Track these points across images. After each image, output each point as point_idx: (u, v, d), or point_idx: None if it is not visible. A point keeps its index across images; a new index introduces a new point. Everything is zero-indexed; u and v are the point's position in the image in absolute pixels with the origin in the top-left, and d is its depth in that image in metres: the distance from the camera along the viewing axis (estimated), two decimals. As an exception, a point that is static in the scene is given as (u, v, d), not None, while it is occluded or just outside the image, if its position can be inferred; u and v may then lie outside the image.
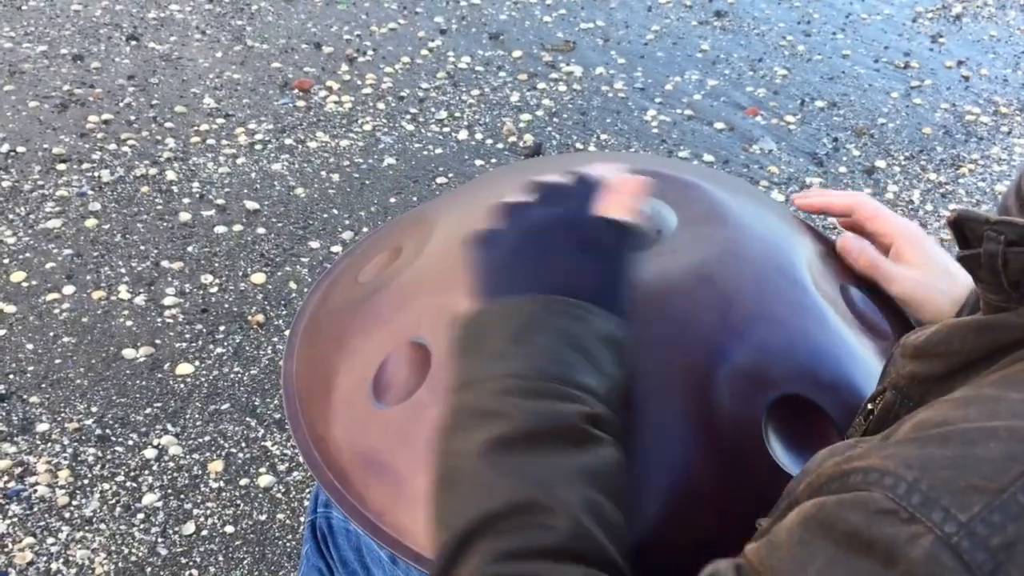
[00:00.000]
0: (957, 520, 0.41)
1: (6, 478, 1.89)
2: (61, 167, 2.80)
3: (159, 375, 2.15)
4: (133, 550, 1.79)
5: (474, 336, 0.68)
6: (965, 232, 0.56)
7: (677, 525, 0.75)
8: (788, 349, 0.84)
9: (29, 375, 2.12)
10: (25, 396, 2.07)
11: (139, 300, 2.35)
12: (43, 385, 2.10)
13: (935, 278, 0.87)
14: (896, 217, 0.93)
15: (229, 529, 1.83)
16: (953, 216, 0.56)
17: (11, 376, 2.11)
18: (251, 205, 2.70)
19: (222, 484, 1.92)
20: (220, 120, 3.10)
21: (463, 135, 3.13)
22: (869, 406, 0.69)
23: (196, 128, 3.05)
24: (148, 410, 2.06)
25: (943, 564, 0.41)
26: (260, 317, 2.32)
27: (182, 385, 2.13)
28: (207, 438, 2.01)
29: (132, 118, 3.07)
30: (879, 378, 0.70)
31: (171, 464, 1.95)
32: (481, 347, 0.67)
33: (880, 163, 3.13)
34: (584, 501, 0.59)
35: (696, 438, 0.78)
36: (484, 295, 0.71)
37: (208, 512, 1.86)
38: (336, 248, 2.57)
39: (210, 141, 2.99)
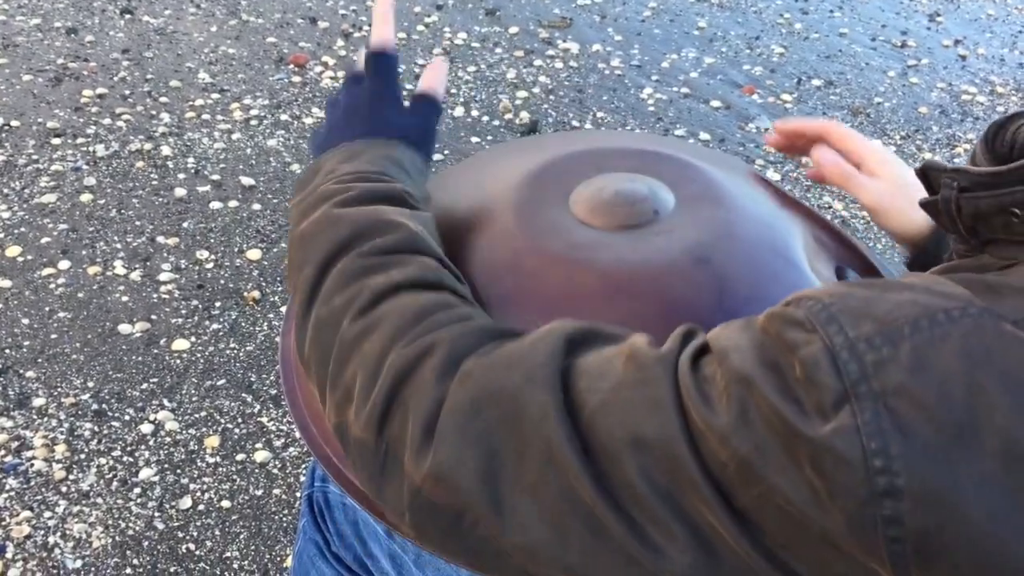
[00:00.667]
0: (845, 335, 0.47)
1: (3, 452, 1.90)
2: (56, 141, 2.79)
3: (155, 350, 2.15)
4: (130, 524, 1.80)
5: (310, 170, 0.80)
6: (930, 180, 0.60)
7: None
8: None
9: (25, 350, 2.13)
10: (21, 371, 2.07)
11: (135, 275, 2.35)
12: (39, 360, 2.11)
13: (900, 189, 0.94)
14: (866, 139, 0.98)
15: (225, 504, 1.85)
16: (920, 166, 0.61)
17: (7, 351, 2.12)
18: (247, 181, 2.70)
19: (218, 459, 1.93)
20: (215, 95, 3.09)
21: (459, 112, 3.13)
22: None
23: (191, 103, 3.04)
24: (144, 385, 2.07)
25: (821, 366, 0.47)
26: (256, 293, 2.32)
27: (178, 361, 2.13)
28: (203, 413, 2.02)
29: (127, 92, 3.06)
30: None
31: (167, 439, 1.96)
32: (316, 173, 0.78)
33: (876, 142, 3.12)
34: (414, 221, 0.71)
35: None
36: (316, 148, 0.84)
37: (205, 487, 1.88)
38: (332, 224, 2.57)
39: (205, 116, 2.98)
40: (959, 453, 0.44)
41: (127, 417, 2.00)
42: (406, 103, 0.86)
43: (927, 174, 0.60)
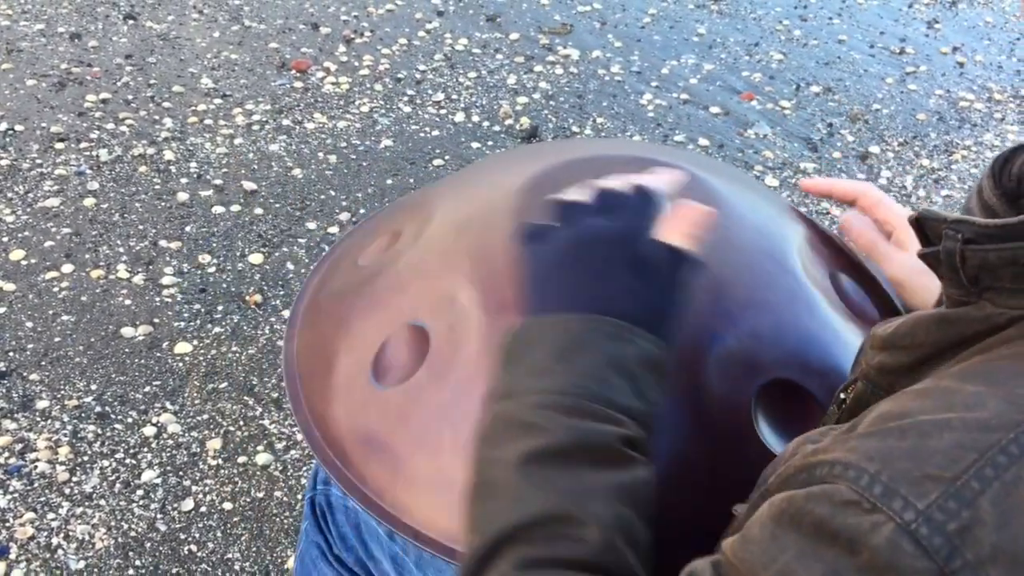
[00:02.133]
0: (915, 508, 0.43)
1: (7, 454, 1.92)
2: (59, 146, 2.81)
3: (158, 354, 2.17)
4: (132, 526, 1.81)
5: (520, 348, 0.68)
6: (926, 230, 0.58)
7: (669, 503, 0.78)
8: (778, 335, 0.86)
9: (29, 353, 2.14)
10: (25, 373, 2.09)
11: (137, 279, 2.36)
12: (43, 363, 2.12)
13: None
14: (899, 207, 0.95)
15: (227, 506, 1.86)
16: (915, 215, 0.58)
17: (11, 354, 2.13)
18: (249, 186, 2.72)
19: (220, 462, 1.94)
20: (218, 100, 3.11)
21: (460, 117, 3.14)
22: (842, 395, 0.70)
23: (194, 108, 3.05)
24: (147, 388, 2.08)
25: (903, 550, 0.43)
26: (258, 297, 2.34)
27: (180, 364, 2.15)
28: (205, 416, 2.03)
29: (130, 97, 3.08)
30: (851, 368, 0.72)
31: (170, 442, 1.97)
32: (525, 360, 0.67)
33: (874, 149, 3.15)
34: (615, 518, 0.59)
35: (687, 420, 0.80)
36: (532, 303, 0.70)
37: (206, 489, 1.89)
38: (333, 229, 2.59)
39: (208, 121, 3.00)
40: None
41: (130, 420, 2.01)
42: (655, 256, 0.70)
43: (922, 224, 0.58)
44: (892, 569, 0.43)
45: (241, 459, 1.95)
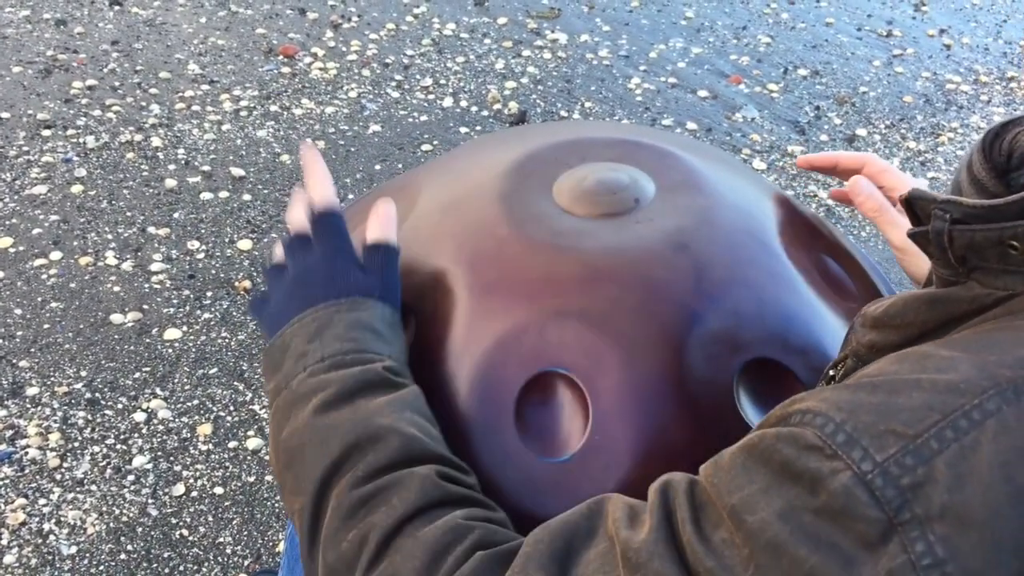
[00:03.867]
0: (873, 459, 0.45)
1: (-3, 441, 1.92)
2: (46, 133, 2.80)
3: (147, 340, 2.17)
4: (124, 511, 1.82)
5: (277, 354, 0.76)
6: (916, 210, 0.58)
7: (650, 479, 0.79)
8: (760, 314, 0.87)
9: (18, 340, 2.14)
10: (15, 360, 2.09)
11: (126, 266, 2.36)
12: (32, 350, 2.13)
13: None
14: (904, 174, 0.96)
15: (218, 490, 1.87)
16: (905, 195, 0.59)
17: (0, 341, 2.13)
18: (237, 172, 2.72)
19: (211, 447, 1.95)
20: (205, 86, 3.10)
21: (448, 102, 3.14)
22: (831, 372, 0.71)
23: (181, 94, 3.05)
24: (137, 374, 2.09)
25: (857, 497, 0.45)
26: (247, 283, 2.34)
27: (170, 350, 2.15)
28: (195, 402, 2.04)
29: (116, 84, 3.07)
30: (841, 345, 0.72)
31: (160, 427, 1.98)
32: (285, 358, 0.75)
33: (861, 131, 3.16)
34: (403, 420, 0.68)
35: (670, 399, 0.81)
36: (272, 332, 0.79)
37: (197, 474, 1.90)
38: (322, 215, 2.58)
39: (195, 107, 2.99)
40: (1019, 564, 0.43)
41: (120, 406, 2.02)
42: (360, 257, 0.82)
43: (912, 204, 0.59)
44: (845, 514, 0.45)
45: (232, 444, 1.96)
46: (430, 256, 0.90)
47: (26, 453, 1.91)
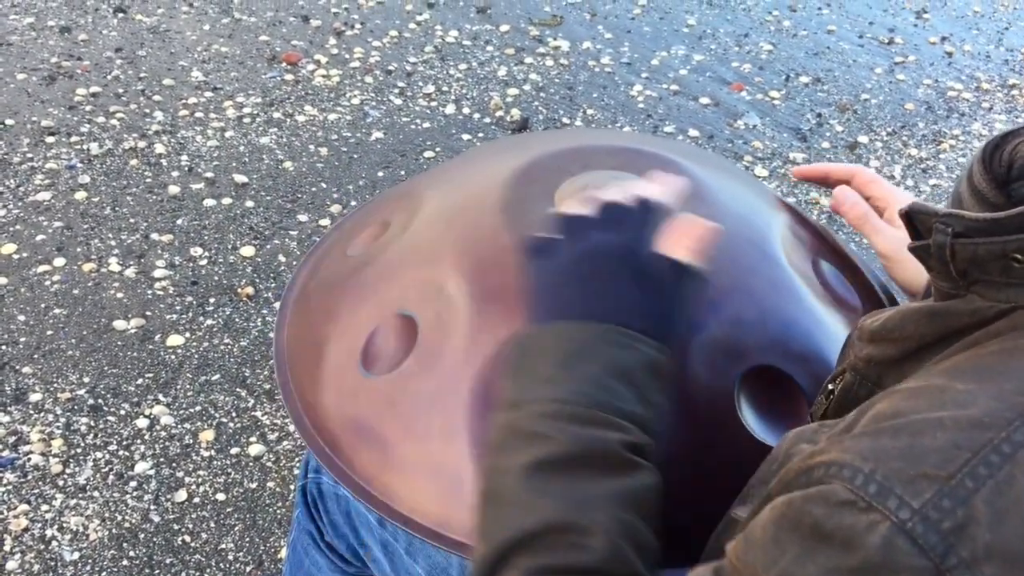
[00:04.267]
0: (910, 507, 0.44)
1: (0, 447, 1.93)
2: (50, 140, 2.81)
3: (150, 346, 2.18)
4: (126, 517, 1.82)
5: (525, 357, 0.69)
6: (916, 224, 0.58)
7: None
8: (761, 322, 0.87)
9: (21, 346, 2.15)
10: (18, 367, 2.10)
11: (129, 272, 2.37)
12: (35, 356, 2.13)
13: None
14: (891, 186, 0.97)
15: (220, 497, 1.87)
16: (905, 209, 0.58)
17: (3, 347, 2.14)
18: (240, 178, 2.72)
19: (213, 453, 1.95)
20: (208, 93, 3.11)
21: (450, 109, 3.15)
22: (830, 386, 0.71)
23: (184, 101, 3.06)
24: (139, 381, 2.09)
25: (899, 548, 0.44)
26: (250, 289, 2.34)
27: (173, 356, 2.16)
28: (198, 408, 2.04)
29: (120, 91, 3.08)
30: (839, 359, 0.72)
31: (163, 433, 1.98)
32: (531, 369, 0.67)
33: (863, 138, 3.16)
34: (620, 524, 0.60)
35: (671, 406, 0.81)
36: (537, 314, 0.71)
37: (200, 480, 1.90)
38: (324, 222, 2.59)
39: (198, 114, 3.00)
40: None
41: (123, 412, 2.02)
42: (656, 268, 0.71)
43: (912, 218, 0.58)
44: (887, 568, 0.44)
45: (234, 450, 1.96)
46: (432, 264, 0.90)
47: (29, 459, 1.91)
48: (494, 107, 3.17)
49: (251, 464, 1.94)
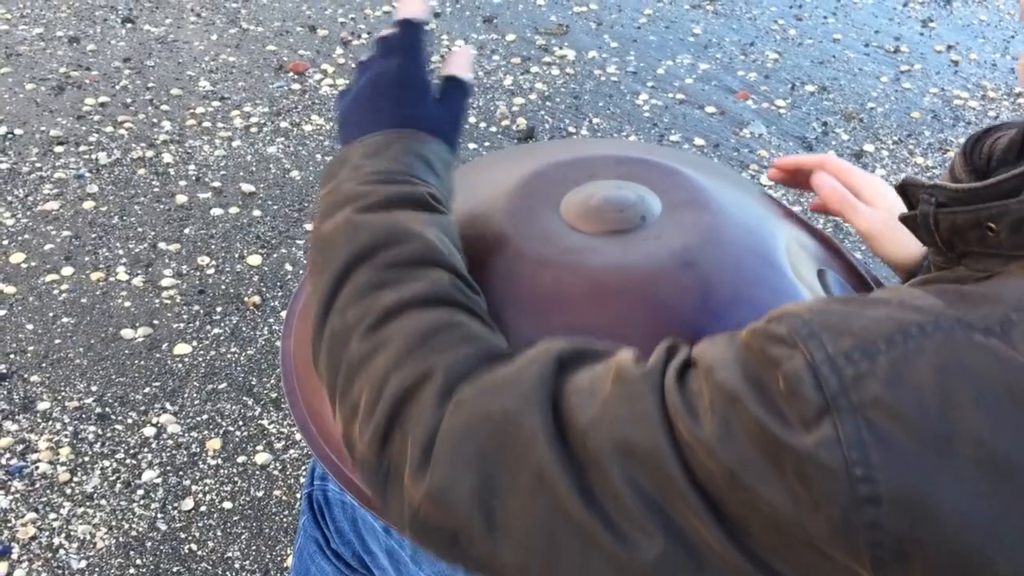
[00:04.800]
0: (826, 351, 0.49)
1: (8, 455, 1.93)
2: (58, 149, 2.83)
3: (157, 355, 2.18)
4: (133, 525, 1.83)
5: (335, 164, 0.79)
6: (908, 196, 0.62)
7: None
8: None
9: (29, 355, 2.16)
10: (26, 375, 2.11)
11: (137, 281, 2.38)
12: (43, 365, 2.14)
13: (895, 217, 0.95)
14: (863, 172, 1.01)
15: (227, 505, 1.88)
16: (900, 182, 0.63)
17: (12, 356, 2.15)
18: (247, 188, 2.73)
19: (220, 461, 1.96)
20: (216, 103, 3.12)
21: (457, 118, 3.16)
22: None
23: (192, 111, 3.07)
24: (147, 389, 2.10)
25: (803, 379, 0.49)
26: (256, 298, 2.35)
27: (180, 365, 2.16)
28: (205, 417, 2.05)
29: (128, 100, 3.09)
30: None
31: (170, 442, 1.99)
32: (341, 167, 0.78)
33: (869, 147, 3.16)
34: (432, 232, 0.73)
35: None
36: (343, 137, 0.83)
37: (206, 488, 1.91)
38: (331, 230, 2.60)
39: (206, 124, 3.01)
40: (935, 461, 0.46)
41: (130, 420, 2.03)
42: (434, 85, 0.85)
43: (906, 190, 0.62)
44: (793, 395, 0.49)
45: (240, 459, 1.97)
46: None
47: (37, 467, 1.92)
48: (500, 116, 3.18)
49: (258, 472, 1.95)
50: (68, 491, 1.88)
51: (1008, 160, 0.59)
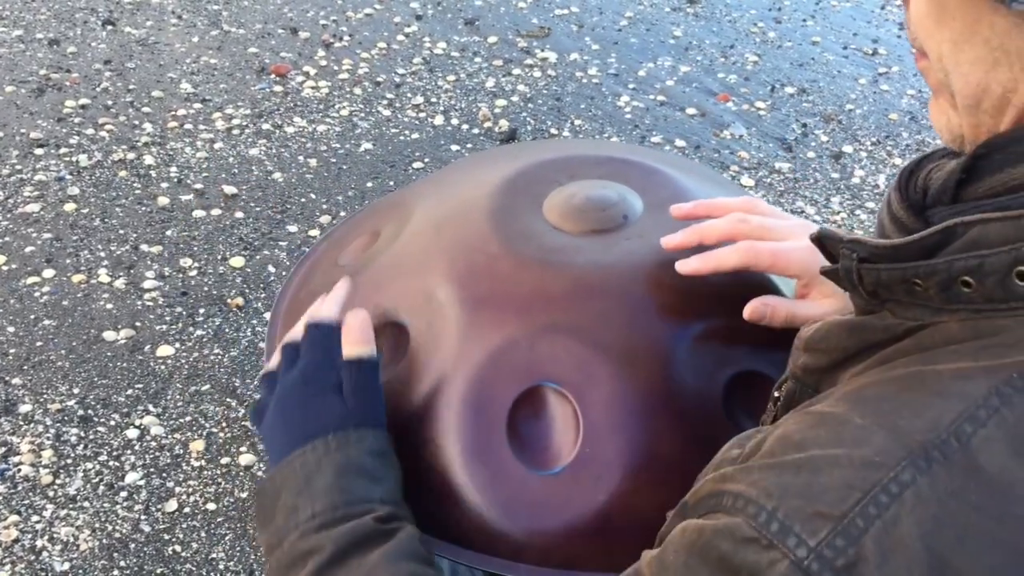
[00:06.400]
0: (807, 545, 0.47)
1: (-10, 458, 1.93)
2: (39, 151, 2.82)
3: (140, 357, 2.18)
4: (117, 527, 1.82)
5: (268, 502, 0.78)
6: (827, 248, 0.61)
7: (643, 494, 0.80)
8: (747, 328, 0.89)
9: (11, 357, 2.15)
10: (7, 378, 2.10)
11: (119, 283, 2.38)
12: (25, 367, 2.13)
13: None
14: (777, 246, 0.85)
15: (211, 506, 1.88)
16: (816, 234, 0.61)
17: (-7, 358, 2.14)
18: (229, 189, 2.73)
19: (203, 463, 1.96)
20: (197, 105, 3.12)
21: (439, 120, 3.17)
22: (776, 393, 0.73)
23: (173, 113, 3.07)
24: (129, 391, 2.10)
25: None
26: (239, 300, 2.35)
27: (163, 367, 2.16)
28: (188, 418, 2.05)
29: (109, 103, 3.08)
30: (785, 367, 0.74)
31: (153, 444, 1.99)
32: (277, 509, 0.77)
33: (847, 148, 3.19)
34: (399, 572, 0.71)
35: (660, 412, 0.83)
36: (272, 458, 0.81)
37: (190, 490, 1.91)
38: (314, 232, 2.60)
39: (188, 126, 3.01)
40: None
41: (113, 422, 2.03)
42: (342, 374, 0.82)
43: (823, 242, 0.60)
44: None
45: (224, 460, 1.97)
46: (422, 272, 0.92)
47: (19, 470, 1.91)
48: (482, 118, 3.19)
49: (241, 474, 1.95)
50: (51, 493, 1.88)
51: (943, 200, 0.57)
